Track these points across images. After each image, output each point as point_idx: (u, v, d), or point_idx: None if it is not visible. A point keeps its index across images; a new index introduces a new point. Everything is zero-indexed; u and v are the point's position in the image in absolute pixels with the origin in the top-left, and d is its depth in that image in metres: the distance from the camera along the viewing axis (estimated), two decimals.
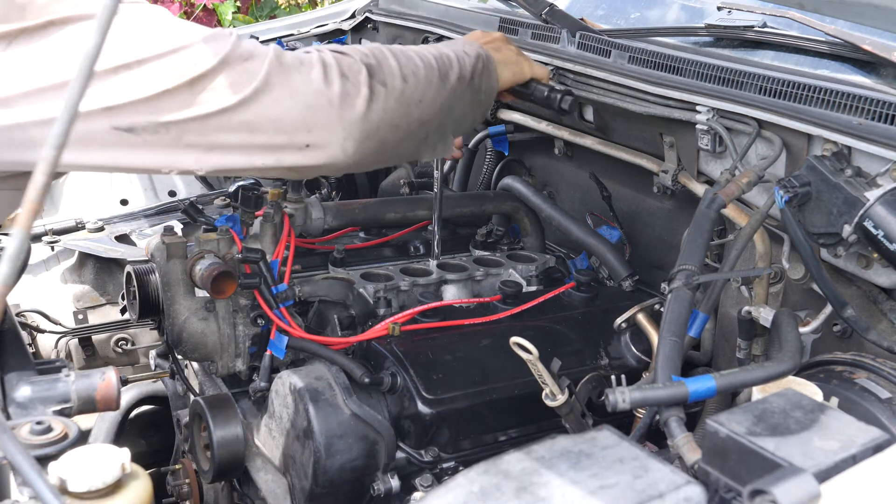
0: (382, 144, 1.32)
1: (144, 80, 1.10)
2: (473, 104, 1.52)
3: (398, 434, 1.43)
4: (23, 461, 0.69)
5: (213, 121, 1.14)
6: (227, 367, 1.63)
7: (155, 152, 1.15)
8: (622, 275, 1.80)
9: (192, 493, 1.73)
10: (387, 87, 1.30)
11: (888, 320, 1.36)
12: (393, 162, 1.49)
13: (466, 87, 1.47)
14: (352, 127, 1.25)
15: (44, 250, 2.46)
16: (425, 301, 1.66)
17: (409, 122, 1.35)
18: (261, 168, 1.23)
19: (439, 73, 1.40)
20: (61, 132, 0.63)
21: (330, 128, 1.23)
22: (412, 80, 1.35)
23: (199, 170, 1.19)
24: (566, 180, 2.15)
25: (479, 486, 0.71)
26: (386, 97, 1.29)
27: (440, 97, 1.41)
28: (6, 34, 1.07)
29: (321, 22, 2.67)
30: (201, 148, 1.16)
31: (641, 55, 1.68)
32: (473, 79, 1.48)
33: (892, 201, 1.23)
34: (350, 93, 1.24)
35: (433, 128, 1.44)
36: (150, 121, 1.12)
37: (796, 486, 0.68)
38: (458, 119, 1.50)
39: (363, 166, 1.37)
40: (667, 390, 1.02)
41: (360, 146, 1.27)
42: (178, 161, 1.17)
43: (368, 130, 1.27)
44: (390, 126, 1.31)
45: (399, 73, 1.33)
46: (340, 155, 1.25)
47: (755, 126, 1.46)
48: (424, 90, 1.37)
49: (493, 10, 2.17)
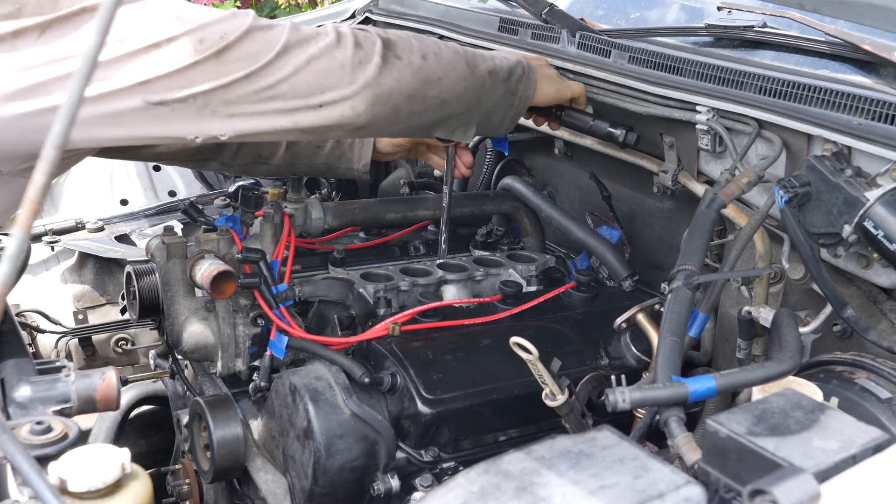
0: (395, 112, 1.39)
1: (175, 54, 1.19)
2: (506, 104, 1.57)
3: (398, 434, 1.43)
4: (23, 461, 0.69)
5: (237, 87, 1.23)
6: (227, 367, 1.63)
7: (182, 121, 1.23)
8: (622, 275, 1.79)
9: (192, 493, 1.73)
10: (402, 59, 1.37)
11: (888, 320, 1.36)
12: (411, 133, 1.58)
13: (501, 84, 1.53)
14: (363, 89, 1.33)
15: (44, 250, 2.46)
16: (425, 301, 1.66)
17: (426, 96, 1.42)
18: (279, 130, 1.30)
19: (466, 61, 1.47)
20: (61, 132, 0.63)
21: (340, 88, 1.31)
22: (432, 58, 1.41)
23: (223, 135, 1.26)
24: (566, 180, 2.15)
25: (479, 486, 0.71)
26: (401, 69, 1.37)
27: (465, 83, 1.46)
28: (39, 24, 1.14)
29: (321, 22, 2.67)
30: (224, 115, 1.25)
31: (641, 55, 1.68)
32: (510, 80, 1.54)
33: (892, 201, 1.23)
34: (362, 59, 1.33)
35: (457, 111, 1.50)
36: (179, 93, 1.20)
37: (796, 486, 0.68)
38: (486, 112, 1.55)
39: (377, 129, 1.44)
40: (667, 390, 1.02)
41: (370, 108, 1.34)
42: (202, 128, 1.25)
43: (379, 95, 1.35)
44: (405, 96, 1.38)
45: (418, 51, 1.40)
46: (350, 113, 1.33)
47: (755, 126, 1.46)
48: (446, 71, 1.43)
49: (493, 10, 2.17)
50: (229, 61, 1.23)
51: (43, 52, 1.15)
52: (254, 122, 1.28)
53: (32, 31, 1.15)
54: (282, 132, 1.32)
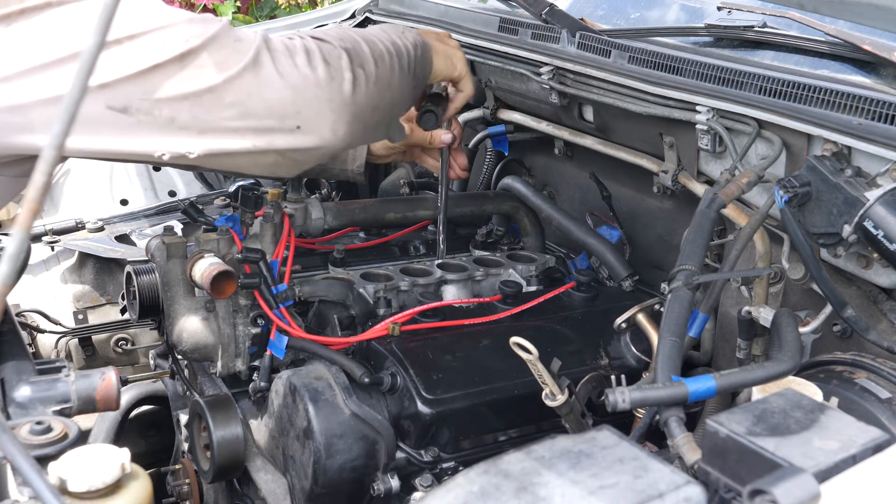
0: (365, 127, 1.34)
1: (136, 55, 1.11)
2: (412, 92, 1.53)
3: (398, 434, 1.43)
4: (23, 461, 0.69)
5: (204, 99, 1.15)
6: (227, 367, 1.63)
7: (149, 135, 1.15)
8: (622, 275, 1.79)
9: (192, 493, 1.73)
10: (365, 70, 1.32)
11: (888, 320, 1.36)
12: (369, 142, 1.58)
13: (410, 77, 1.48)
14: (341, 110, 1.27)
15: (44, 250, 2.46)
16: (425, 301, 1.66)
17: (384, 104, 1.38)
18: (252, 151, 1.22)
19: (398, 59, 1.42)
20: (61, 131, 0.63)
21: (319, 110, 1.24)
22: (381, 63, 1.37)
23: (192, 152, 1.18)
24: (566, 180, 2.15)
25: (479, 486, 0.71)
26: (366, 81, 1.32)
27: (401, 83, 1.43)
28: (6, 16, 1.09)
29: (321, 22, 2.67)
30: (194, 130, 1.16)
31: (641, 55, 1.68)
32: (413, 66, 1.49)
33: (892, 201, 1.23)
34: (335, 77, 1.26)
35: (397, 112, 1.48)
36: (143, 99, 1.12)
37: (796, 486, 0.68)
38: (404, 106, 1.52)
39: (350, 146, 1.39)
40: (667, 390, 1.02)
41: (349, 128, 1.29)
42: (170, 144, 1.17)
43: (356, 113, 1.29)
44: (371, 108, 1.34)
45: (371, 58, 1.35)
46: (331, 137, 1.27)
47: (755, 126, 1.46)
48: (390, 74, 1.39)
49: (493, 10, 2.17)
50: (194, 67, 1.14)
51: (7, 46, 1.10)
52: (226, 141, 1.19)
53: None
54: (256, 153, 1.23)
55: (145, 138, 1.15)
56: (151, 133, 1.15)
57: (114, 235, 2.47)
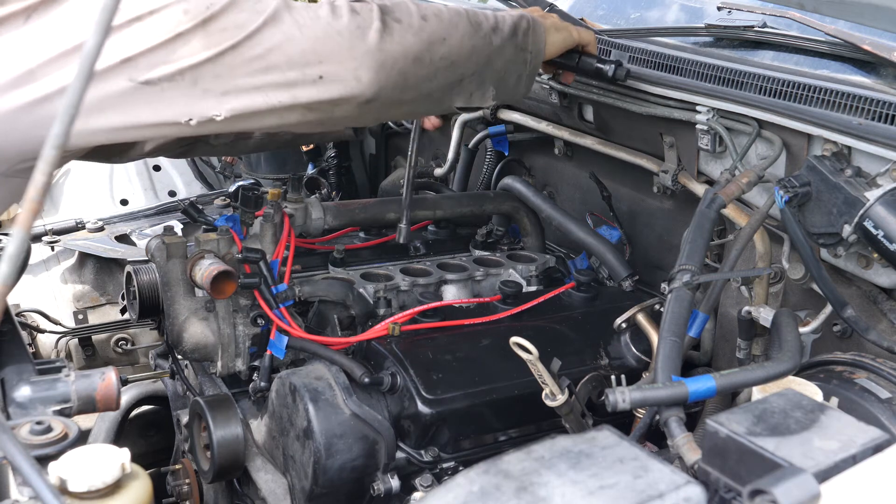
0: (404, 78, 1.32)
1: (159, 27, 1.14)
2: (518, 62, 1.51)
3: (398, 434, 1.43)
4: (23, 461, 0.69)
5: (225, 59, 1.17)
6: (227, 367, 1.63)
7: (173, 102, 1.17)
8: (622, 275, 1.79)
9: (192, 493, 1.73)
10: (402, 22, 1.30)
11: (888, 320, 1.36)
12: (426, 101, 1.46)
13: (508, 41, 1.46)
14: (364, 56, 1.25)
15: (44, 250, 2.46)
16: (425, 301, 1.66)
17: (433, 58, 1.35)
18: (278, 107, 1.23)
19: (469, 20, 1.40)
20: (61, 132, 0.63)
21: (340, 57, 1.23)
22: (433, 20, 1.35)
23: (219, 114, 1.19)
24: (566, 180, 2.15)
25: (479, 486, 0.71)
26: (402, 31, 1.30)
27: (471, 41, 1.40)
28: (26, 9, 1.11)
29: None
30: (217, 92, 1.18)
31: (641, 55, 1.68)
32: (517, 34, 1.48)
33: (891, 201, 1.23)
34: (360, 25, 1.25)
35: (469, 73, 1.43)
36: (165, 67, 1.14)
37: (796, 486, 0.68)
38: (499, 72, 1.49)
39: (388, 102, 1.35)
40: (667, 390, 1.02)
41: (376, 76, 1.27)
42: (196, 108, 1.18)
43: (383, 61, 1.27)
44: (411, 59, 1.31)
45: (417, 13, 1.34)
46: (355, 84, 1.25)
47: (755, 126, 1.46)
48: (449, 30, 1.37)
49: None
50: (216, 31, 1.16)
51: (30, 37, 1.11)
52: (250, 99, 1.21)
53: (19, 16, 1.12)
54: (282, 109, 1.24)
55: (171, 106, 1.17)
56: (176, 99, 1.17)
57: (114, 235, 2.48)
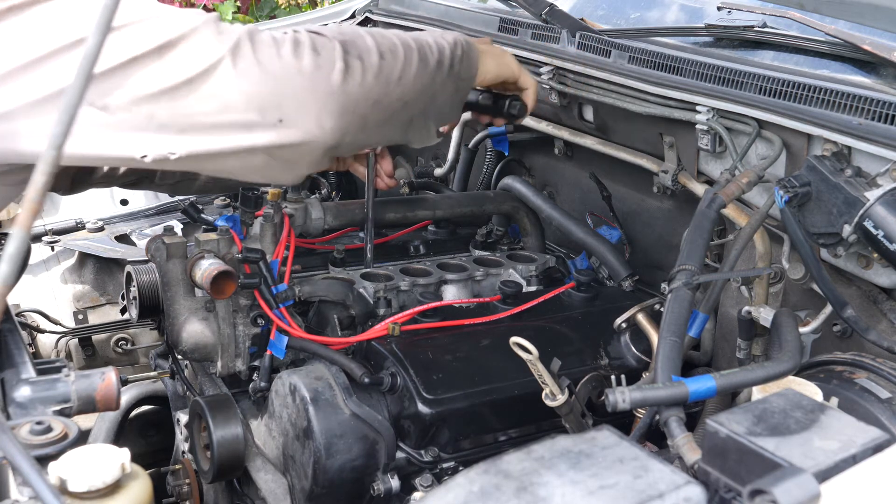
0: (364, 122, 1.26)
1: (115, 48, 1.07)
2: (454, 92, 1.46)
3: (398, 434, 1.43)
4: (23, 461, 0.69)
5: (182, 93, 1.11)
6: (227, 367, 1.63)
7: (130, 134, 1.11)
8: (622, 275, 1.79)
9: (192, 493, 1.73)
10: (363, 62, 1.24)
11: (888, 320, 1.36)
12: (380, 143, 1.45)
13: (447, 75, 1.40)
14: (326, 99, 1.19)
15: (44, 250, 2.46)
16: (425, 301, 1.66)
17: (390, 100, 1.29)
18: (238, 150, 1.17)
19: (419, 54, 1.34)
20: (61, 132, 0.63)
21: (302, 100, 1.17)
22: (390, 57, 1.29)
23: (174, 153, 1.14)
24: (566, 180, 2.15)
25: (479, 486, 0.71)
26: (363, 72, 1.24)
27: (421, 79, 1.34)
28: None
29: (321, 22, 2.67)
30: (174, 127, 1.12)
31: (641, 55, 1.68)
32: (453, 65, 1.42)
33: (892, 201, 1.23)
34: (322, 66, 1.19)
35: (417, 111, 1.38)
36: (121, 95, 1.09)
37: (796, 486, 0.68)
38: (440, 107, 1.44)
39: (348, 146, 1.30)
40: (667, 390, 1.02)
41: (338, 121, 1.20)
42: (151, 144, 1.12)
43: (345, 104, 1.21)
44: (370, 102, 1.25)
45: (375, 50, 1.27)
46: (317, 131, 1.19)
47: (755, 126, 1.46)
48: (404, 68, 1.31)
49: (493, 10, 2.17)
50: (173, 60, 1.10)
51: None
52: (208, 138, 1.14)
53: None
54: (242, 153, 1.17)
55: (127, 138, 1.12)
56: (132, 132, 1.11)
57: (114, 235, 2.48)
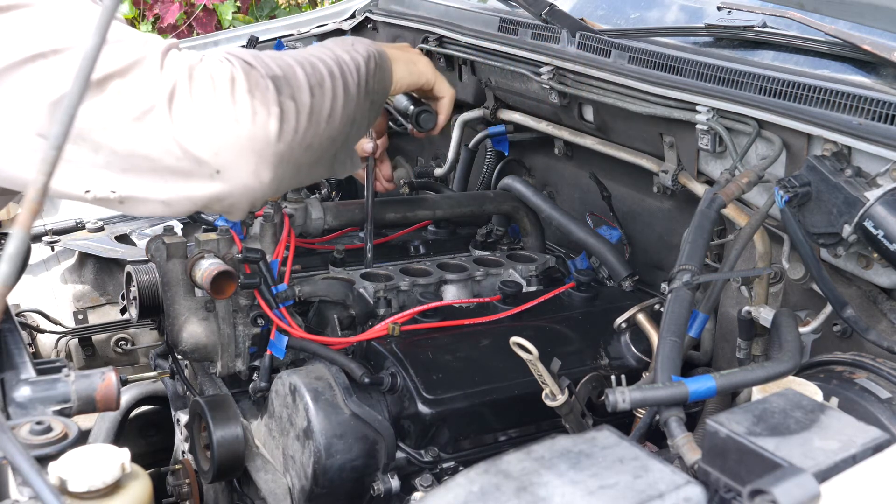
0: (297, 168, 1.19)
1: (57, 72, 1.02)
2: (370, 109, 1.40)
3: (398, 434, 1.43)
4: (23, 461, 0.69)
5: (121, 132, 1.06)
6: (227, 367, 1.63)
7: (72, 170, 1.07)
8: (622, 275, 1.80)
9: (192, 493, 1.73)
10: (296, 102, 1.17)
11: (888, 320, 1.36)
12: (308, 183, 1.39)
13: (364, 94, 1.34)
14: (264, 151, 1.11)
15: (44, 250, 2.46)
16: (425, 301, 1.66)
17: (321, 140, 1.23)
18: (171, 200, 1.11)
19: (342, 83, 1.27)
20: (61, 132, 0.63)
21: (239, 152, 1.09)
22: (318, 93, 1.22)
23: (115, 191, 1.09)
24: (566, 180, 2.15)
25: (479, 486, 0.71)
26: (297, 115, 1.16)
27: (346, 110, 1.28)
28: None
29: (321, 22, 2.67)
30: (116, 168, 1.07)
31: (641, 55, 1.68)
32: (368, 81, 1.35)
33: (892, 201, 1.23)
34: (258, 112, 1.11)
35: (340, 143, 1.32)
36: None
37: (796, 486, 0.68)
38: (359, 129, 1.39)
39: (281, 192, 1.27)
40: (667, 390, 1.02)
41: (275, 171, 1.13)
42: (95, 180, 1.08)
43: (282, 154, 1.14)
44: (304, 147, 1.18)
45: (307, 87, 1.20)
46: (255, 183, 1.12)
47: (755, 126, 1.46)
48: (332, 104, 1.24)
49: (493, 10, 2.17)
50: (112, 94, 1.04)
51: None
52: (148, 182, 1.09)
53: None
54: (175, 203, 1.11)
55: (73, 172, 1.07)
56: (75, 168, 1.07)
57: (114, 235, 2.48)
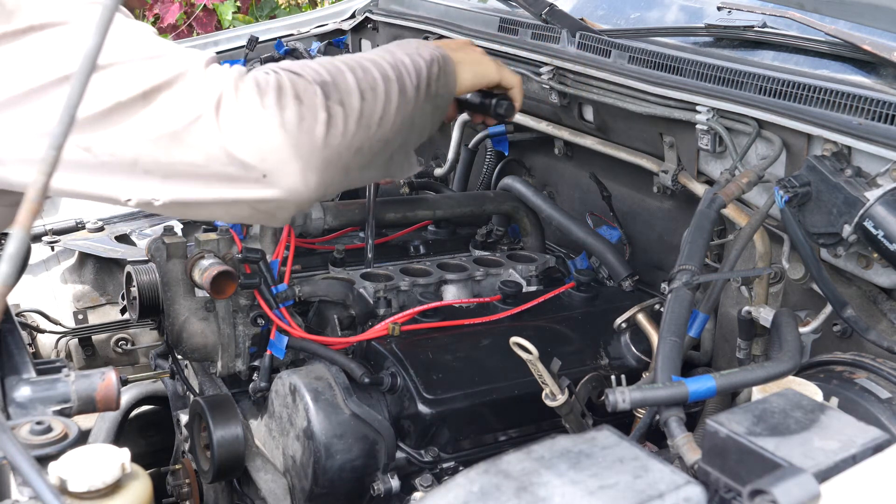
0: (346, 172, 1.20)
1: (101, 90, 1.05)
2: (432, 112, 1.39)
3: (398, 434, 1.43)
4: (23, 461, 0.69)
5: (166, 143, 1.07)
6: (227, 367, 1.63)
7: (114, 177, 1.09)
8: (622, 275, 1.80)
9: (192, 493, 1.73)
10: (344, 107, 1.17)
11: (888, 320, 1.36)
12: (362, 185, 1.43)
13: (425, 98, 1.34)
14: (311, 156, 1.12)
15: (44, 250, 2.46)
16: (425, 301, 1.66)
17: (371, 143, 1.23)
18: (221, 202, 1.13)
19: (398, 84, 1.27)
20: (61, 132, 0.63)
21: (286, 157, 1.11)
22: (370, 96, 1.22)
23: (158, 199, 1.11)
24: (566, 180, 2.15)
25: (479, 486, 0.71)
26: (345, 120, 1.17)
27: (401, 113, 1.28)
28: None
29: (321, 22, 2.67)
30: (158, 174, 1.09)
31: (641, 55, 1.68)
32: (430, 85, 1.35)
33: (892, 201, 1.23)
34: (305, 117, 1.12)
35: (397, 146, 1.32)
36: (105, 140, 1.06)
37: (796, 486, 0.68)
38: (419, 131, 1.39)
39: (331, 195, 1.26)
40: (667, 390, 1.02)
41: (322, 176, 1.14)
42: (137, 188, 1.10)
43: (329, 158, 1.15)
44: (353, 151, 1.19)
45: (357, 91, 1.20)
46: (301, 187, 1.13)
47: (755, 126, 1.46)
48: (385, 107, 1.24)
49: (492, 10, 2.17)
50: (157, 110, 1.06)
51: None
52: (191, 188, 1.10)
53: None
54: (226, 204, 1.13)
55: (110, 180, 1.09)
56: (116, 175, 1.09)
57: (114, 235, 2.48)
